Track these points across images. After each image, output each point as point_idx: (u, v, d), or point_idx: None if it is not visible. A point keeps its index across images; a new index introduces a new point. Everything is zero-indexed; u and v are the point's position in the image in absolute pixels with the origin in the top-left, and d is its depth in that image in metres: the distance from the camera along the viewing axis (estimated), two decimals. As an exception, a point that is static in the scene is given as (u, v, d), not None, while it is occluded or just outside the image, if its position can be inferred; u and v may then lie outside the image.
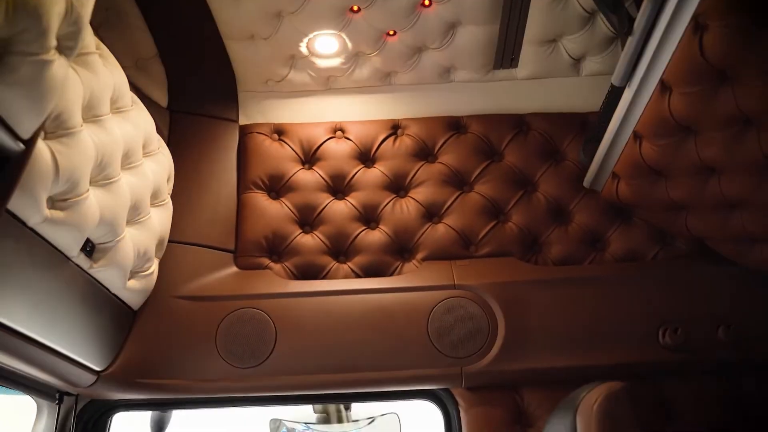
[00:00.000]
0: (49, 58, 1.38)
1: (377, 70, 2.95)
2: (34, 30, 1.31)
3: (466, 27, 2.73)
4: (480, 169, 2.89)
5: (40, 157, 1.67)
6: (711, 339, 2.50)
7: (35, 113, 1.43)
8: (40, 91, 1.40)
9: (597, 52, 2.90)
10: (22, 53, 1.31)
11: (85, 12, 1.50)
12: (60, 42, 1.45)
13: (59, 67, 1.44)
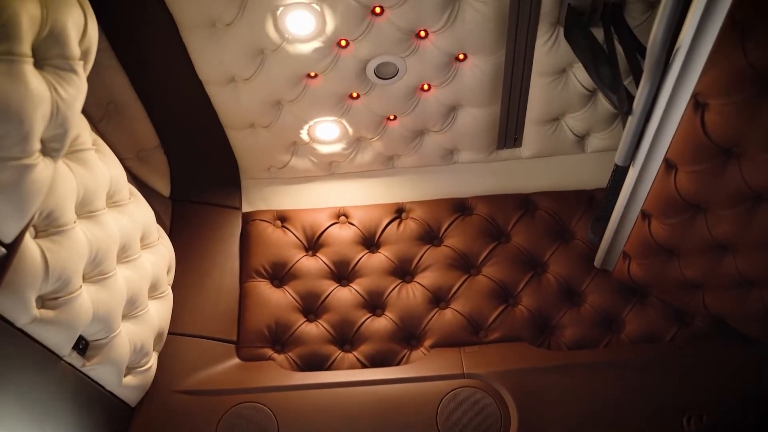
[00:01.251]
0: (31, 162, 1.36)
1: (379, 154, 2.93)
2: (15, 134, 1.29)
3: (466, 109, 2.72)
4: (487, 251, 2.83)
5: (29, 256, 1.63)
6: (740, 424, 2.36)
7: (17, 217, 1.40)
8: (22, 195, 1.37)
9: (601, 129, 2.87)
10: (3, 158, 1.28)
11: (72, 113, 1.49)
12: (45, 144, 1.44)
13: (44, 170, 1.42)
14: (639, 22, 2.38)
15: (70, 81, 1.50)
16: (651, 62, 1.82)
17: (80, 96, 1.56)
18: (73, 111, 1.51)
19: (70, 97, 1.50)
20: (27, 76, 1.34)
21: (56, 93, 1.44)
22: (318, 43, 2.36)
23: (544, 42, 2.44)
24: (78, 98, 1.54)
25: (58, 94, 1.45)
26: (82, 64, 1.57)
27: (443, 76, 2.54)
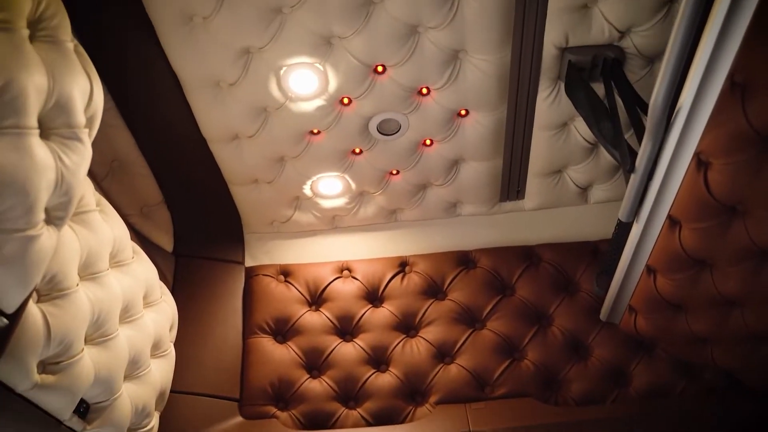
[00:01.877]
0: (36, 233, 1.36)
1: (382, 208, 2.93)
2: (20, 207, 1.29)
3: (469, 163, 2.73)
4: (491, 304, 2.81)
5: (31, 321, 1.61)
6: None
7: (21, 288, 1.39)
8: (26, 266, 1.36)
9: (603, 180, 2.88)
10: (7, 231, 1.28)
11: (76, 181, 1.50)
12: (49, 213, 1.44)
13: (48, 239, 1.42)
14: (639, 77, 2.40)
15: (75, 149, 1.50)
16: (652, 122, 1.83)
17: (85, 163, 1.57)
18: (78, 178, 1.52)
19: (75, 164, 1.50)
20: (33, 148, 1.35)
21: (61, 162, 1.45)
22: (321, 101, 2.38)
23: (545, 97, 2.46)
24: (82, 165, 1.55)
25: (63, 163, 1.46)
26: (87, 131, 1.58)
27: (445, 131, 2.56)
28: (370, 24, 2.13)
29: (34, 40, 1.43)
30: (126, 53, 2.24)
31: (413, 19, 2.13)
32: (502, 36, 2.21)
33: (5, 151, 1.27)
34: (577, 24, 2.23)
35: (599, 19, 2.22)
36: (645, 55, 2.33)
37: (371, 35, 2.16)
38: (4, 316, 1.38)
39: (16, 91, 1.28)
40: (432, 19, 2.13)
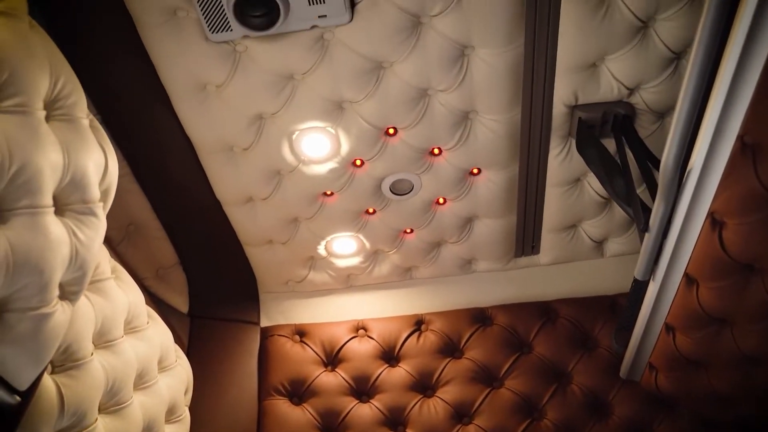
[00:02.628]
0: (50, 310, 1.36)
1: (397, 266, 2.93)
2: (34, 285, 1.30)
3: (482, 220, 2.73)
4: (509, 363, 2.77)
5: (45, 393, 1.61)
6: None
7: (34, 365, 1.39)
8: (40, 343, 1.37)
9: (619, 234, 2.86)
10: (21, 310, 1.29)
11: (91, 255, 1.51)
12: (64, 288, 1.45)
13: (62, 314, 1.43)
14: (650, 132, 2.40)
15: (90, 224, 1.52)
16: (664, 183, 1.82)
17: (99, 236, 1.58)
18: (92, 253, 1.53)
19: (89, 239, 1.52)
20: (48, 226, 1.36)
21: (75, 237, 1.46)
22: (333, 164, 2.40)
23: (556, 154, 2.47)
24: (97, 239, 1.57)
25: (78, 239, 1.47)
26: (102, 205, 1.60)
27: (458, 190, 2.57)
28: (380, 88, 2.15)
29: (51, 120, 1.46)
30: (141, 119, 2.28)
31: (423, 83, 2.16)
32: (511, 96, 2.23)
33: (20, 231, 1.28)
34: (585, 82, 2.24)
35: (608, 77, 2.24)
36: (655, 110, 2.34)
37: (382, 99, 2.18)
38: (17, 393, 1.38)
39: (32, 172, 1.31)
40: (441, 82, 2.16)
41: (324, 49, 2.04)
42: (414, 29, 2.01)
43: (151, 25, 1.96)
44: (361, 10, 1.94)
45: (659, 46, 2.15)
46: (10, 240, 1.25)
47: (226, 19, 1.91)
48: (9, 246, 1.24)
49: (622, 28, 2.09)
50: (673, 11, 2.05)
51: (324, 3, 1.88)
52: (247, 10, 1.86)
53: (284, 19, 1.89)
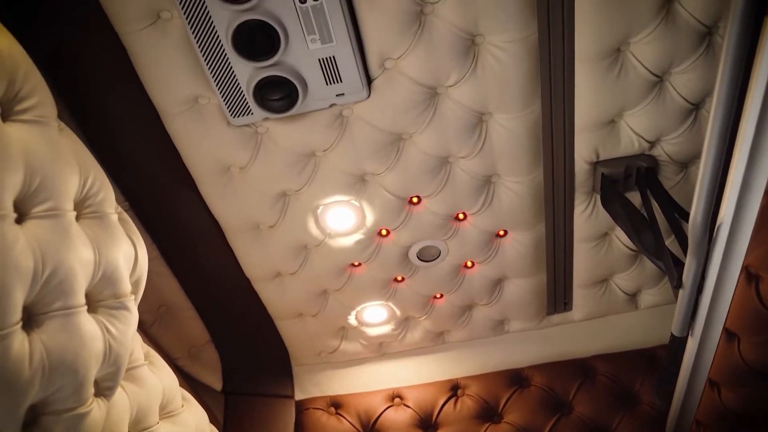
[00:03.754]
0: (86, 410, 1.37)
1: (429, 332, 2.90)
2: (70, 386, 1.31)
3: (512, 281, 2.71)
4: (550, 425, 2.71)
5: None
6: None
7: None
8: (76, 443, 1.37)
9: (652, 285, 2.82)
10: (57, 412, 1.30)
11: (125, 349, 1.52)
12: (99, 385, 1.45)
13: (98, 411, 1.43)
14: (674, 182, 2.39)
15: (122, 318, 1.54)
16: (694, 239, 1.80)
17: (132, 328, 1.60)
18: (126, 346, 1.54)
19: (122, 333, 1.53)
20: (81, 325, 1.38)
21: (108, 333, 1.48)
22: (359, 236, 2.41)
23: (581, 211, 2.46)
24: (129, 332, 1.58)
25: (111, 334, 1.49)
26: (133, 297, 1.62)
27: (485, 253, 2.55)
28: (401, 160, 2.17)
29: (81, 218, 1.49)
30: (168, 203, 2.31)
31: (443, 151, 2.17)
32: (532, 157, 2.24)
33: (54, 333, 1.30)
34: (605, 139, 2.25)
35: (627, 132, 2.24)
36: (678, 161, 2.33)
37: (404, 170, 2.20)
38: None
39: (64, 273, 1.33)
40: (462, 149, 2.17)
41: (343, 126, 2.07)
42: (431, 100, 2.04)
43: (173, 114, 2.01)
44: (377, 86, 1.98)
45: (677, 99, 2.15)
46: (45, 344, 1.27)
47: (247, 104, 1.95)
48: (44, 350, 1.26)
49: (637, 84, 2.10)
50: (688, 64, 2.06)
51: (341, 82, 1.92)
52: (266, 94, 1.90)
53: (303, 100, 1.93)
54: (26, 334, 1.25)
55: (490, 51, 1.94)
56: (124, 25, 1.81)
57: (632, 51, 2.03)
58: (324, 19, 1.77)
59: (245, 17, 1.74)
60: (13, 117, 1.34)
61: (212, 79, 1.90)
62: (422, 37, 1.88)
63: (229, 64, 1.86)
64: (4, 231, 1.20)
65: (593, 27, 1.94)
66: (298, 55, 1.85)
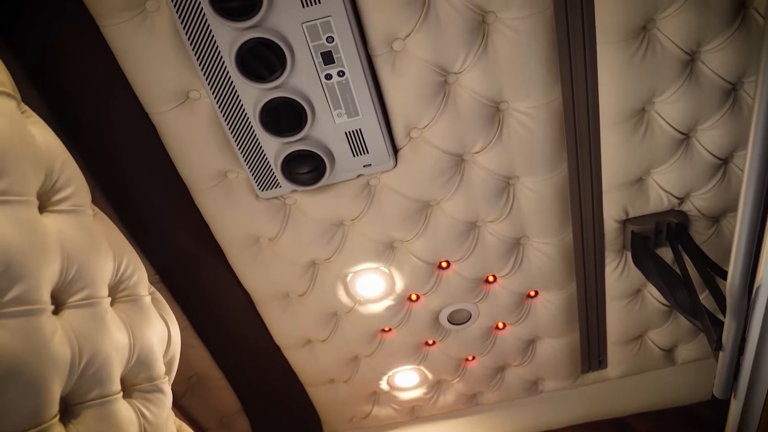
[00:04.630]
0: None
1: (462, 394, 2.86)
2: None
3: (545, 341, 2.67)
4: (590, 488, 2.64)
5: None
6: None
7: None
8: None
9: (688, 340, 2.76)
10: None
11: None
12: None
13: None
14: (706, 237, 2.36)
15: (157, 401, 1.53)
16: (732, 302, 1.76)
17: (166, 411, 1.59)
18: (161, 429, 1.53)
19: (156, 416, 1.52)
20: (117, 412, 1.38)
21: (144, 418, 1.47)
22: (389, 301, 2.40)
23: (613, 269, 2.43)
24: (163, 414, 1.57)
25: (146, 419, 1.48)
26: (167, 378, 1.62)
27: (517, 314, 2.53)
28: (429, 226, 2.17)
29: (115, 303, 1.50)
30: (198, 276, 2.33)
31: (471, 216, 2.17)
32: (561, 218, 2.22)
33: (90, 423, 1.29)
34: (634, 197, 2.23)
35: (656, 189, 2.22)
36: (709, 216, 2.30)
37: (432, 236, 2.20)
38: None
39: (101, 361, 1.33)
40: (490, 213, 2.17)
41: (371, 195, 2.08)
42: (457, 167, 2.04)
43: (203, 190, 2.04)
44: (404, 155, 1.99)
45: (704, 155, 2.14)
46: (82, 435, 1.26)
47: (275, 177, 1.97)
48: (81, 441, 1.25)
49: (664, 142, 2.09)
50: (714, 120, 2.05)
51: (368, 153, 1.93)
52: (294, 167, 1.92)
53: (330, 172, 1.94)
54: (63, 426, 1.25)
55: (515, 117, 1.95)
56: (155, 105, 1.85)
57: (657, 110, 2.03)
58: (350, 94, 1.80)
59: (272, 95, 1.78)
60: (50, 208, 1.36)
61: (240, 155, 1.93)
62: (447, 106, 1.90)
63: (257, 140, 1.89)
64: (42, 324, 1.21)
65: (617, 89, 1.95)
66: (324, 129, 1.87)
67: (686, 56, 1.91)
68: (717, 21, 1.85)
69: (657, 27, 1.85)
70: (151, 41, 1.73)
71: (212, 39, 1.69)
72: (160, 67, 1.77)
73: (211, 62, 1.74)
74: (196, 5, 1.63)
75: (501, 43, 1.80)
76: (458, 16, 1.73)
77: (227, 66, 1.74)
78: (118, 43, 1.73)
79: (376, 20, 1.72)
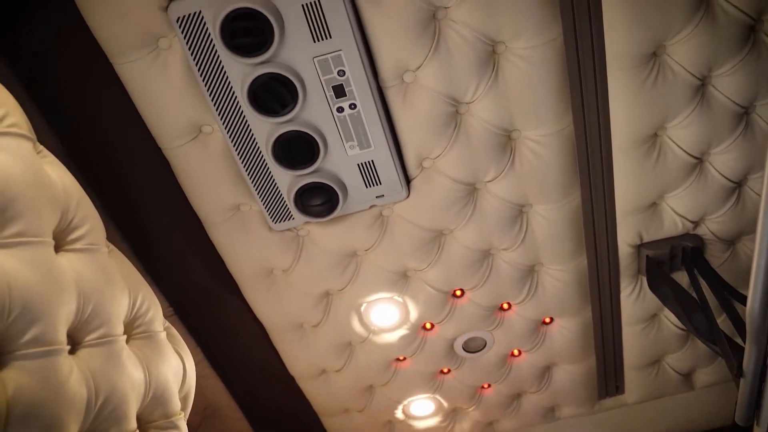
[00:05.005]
0: None
1: (478, 422, 2.83)
2: None
3: (561, 367, 2.65)
4: None
5: None
6: None
7: None
8: None
9: (707, 364, 2.73)
10: None
11: None
12: None
13: None
14: (722, 260, 2.34)
15: (174, 439, 1.52)
16: (753, 327, 1.73)
17: (182, 448, 1.58)
18: None
19: (173, 455, 1.51)
20: (134, 451, 1.37)
21: (161, 457, 1.47)
22: (404, 331, 2.39)
23: (628, 294, 2.41)
24: (180, 452, 1.56)
25: (163, 458, 1.47)
26: (183, 414, 1.61)
27: (532, 341, 2.51)
28: (443, 255, 2.17)
29: (131, 340, 1.50)
30: (212, 308, 2.34)
31: (485, 245, 2.17)
32: (574, 245, 2.21)
33: (107, 462, 1.29)
34: (648, 222, 2.22)
35: (670, 214, 2.21)
36: (724, 239, 2.29)
37: (446, 265, 2.19)
38: None
39: (117, 400, 1.33)
40: (503, 241, 2.16)
41: (384, 225, 2.08)
42: (470, 196, 2.04)
43: (216, 223, 2.04)
44: (416, 185, 1.99)
45: (718, 179, 2.13)
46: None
47: (288, 210, 1.97)
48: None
49: (677, 167, 2.08)
50: (727, 144, 2.04)
51: (380, 184, 1.93)
52: (307, 200, 1.93)
53: (343, 204, 1.95)
54: (80, 465, 1.25)
55: (527, 145, 1.95)
56: (168, 140, 1.86)
57: (669, 135, 2.02)
58: (362, 126, 1.80)
59: (284, 129, 1.78)
60: (66, 247, 1.37)
61: (253, 188, 1.93)
62: (459, 136, 1.90)
63: (270, 173, 1.89)
64: (59, 365, 1.21)
65: (629, 115, 1.95)
66: (337, 162, 1.88)
67: (697, 81, 1.90)
68: (727, 46, 1.85)
69: (667, 53, 1.85)
70: (164, 78, 1.74)
71: (224, 74, 1.71)
72: (173, 103, 1.79)
73: (224, 97, 1.75)
74: (209, 42, 1.65)
75: (512, 73, 1.80)
76: (468, 47, 1.73)
77: (239, 101, 1.75)
78: (131, 80, 1.74)
79: (387, 52, 1.73)
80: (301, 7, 1.61)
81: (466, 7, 1.68)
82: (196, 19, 1.62)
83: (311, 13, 1.62)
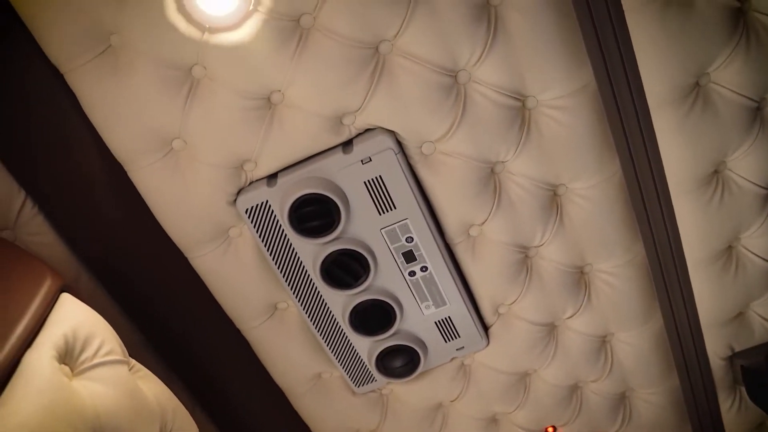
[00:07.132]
0: None
1: None
2: None
3: None
4: None
5: None
6: None
7: None
8: None
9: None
10: None
11: None
12: None
13: None
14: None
15: None
16: None
17: None
18: None
19: None
20: None
21: None
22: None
23: (728, 408, 2.30)
24: None
25: None
26: None
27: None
28: (530, 395, 2.12)
29: None
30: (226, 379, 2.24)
31: (572, 380, 2.11)
32: (663, 366, 2.14)
33: None
34: (736, 332, 2.14)
35: (758, 321, 2.13)
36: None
37: (534, 405, 2.14)
38: None
39: None
40: (590, 374, 2.11)
41: (467, 375, 2.05)
42: (551, 335, 2.01)
43: (299, 395, 2.05)
44: (495, 332, 1.97)
45: (802, 279, 2.06)
46: None
47: (370, 373, 1.97)
48: None
49: (756, 276, 2.02)
50: (806, 247, 1.99)
51: (459, 337, 1.92)
52: (388, 362, 1.92)
53: (424, 361, 1.93)
54: None
55: (601, 278, 1.93)
56: (246, 322, 1.90)
57: (744, 245, 1.98)
58: (435, 286, 1.81)
59: (359, 299, 1.80)
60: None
61: (333, 357, 1.94)
62: (532, 280, 1.89)
63: (349, 342, 1.90)
64: None
65: (699, 233, 1.92)
66: (414, 323, 1.88)
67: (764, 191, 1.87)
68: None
69: (729, 168, 1.83)
70: (237, 263, 1.79)
71: (296, 256, 1.75)
72: (248, 286, 1.83)
73: (296, 276, 1.78)
74: (278, 228, 1.70)
75: (575, 212, 1.81)
76: (529, 196, 1.75)
77: (312, 278, 1.78)
78: (207, 272, 1.80)
79: (451, 212, 1.75)
80: (363, 184, 1.65)
81: (523, 159, 1.71)
82: (263, 209, 1.68)
83: (374, 189, 1.66)
